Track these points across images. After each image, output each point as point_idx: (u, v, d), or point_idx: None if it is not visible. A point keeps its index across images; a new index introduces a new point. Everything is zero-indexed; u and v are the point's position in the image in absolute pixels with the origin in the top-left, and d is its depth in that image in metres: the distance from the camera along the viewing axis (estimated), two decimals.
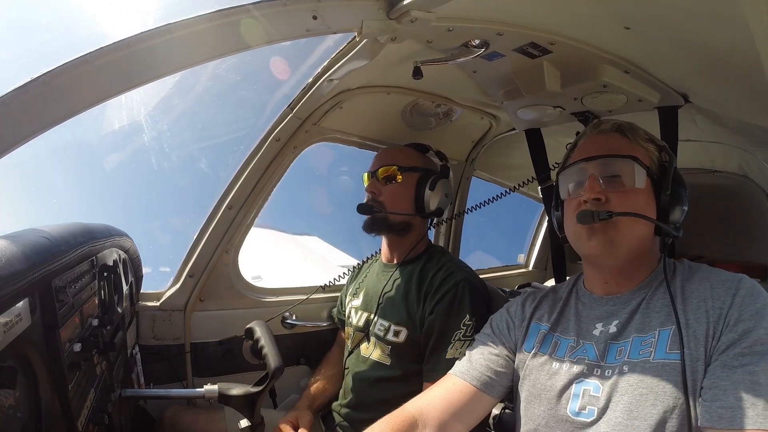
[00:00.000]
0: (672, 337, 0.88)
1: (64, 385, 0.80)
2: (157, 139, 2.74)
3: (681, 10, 1.00)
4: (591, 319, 1.02)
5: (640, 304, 0.97)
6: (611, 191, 0.98)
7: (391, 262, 1.71)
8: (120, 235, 1.35)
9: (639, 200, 0.97)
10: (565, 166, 1.10)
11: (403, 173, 1.63)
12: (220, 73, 2.34)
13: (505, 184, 2.70)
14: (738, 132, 1.66)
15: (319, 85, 1.49)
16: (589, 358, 0.96)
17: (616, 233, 0.95)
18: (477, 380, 1.09)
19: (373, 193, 1.65)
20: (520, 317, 1.15)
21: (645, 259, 1.01)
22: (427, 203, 1.63)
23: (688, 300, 0.91)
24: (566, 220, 1.07)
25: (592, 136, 1.08)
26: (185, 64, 0.83)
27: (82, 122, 0.91)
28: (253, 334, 1.31)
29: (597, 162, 1.01)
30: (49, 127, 0.70)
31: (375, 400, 1.52)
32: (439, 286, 1.48)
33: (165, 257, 1.94)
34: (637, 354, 0.90)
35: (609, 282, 1.03)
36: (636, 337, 0.92)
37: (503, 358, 1.11)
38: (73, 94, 0.72)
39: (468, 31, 1.20)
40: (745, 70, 1.13)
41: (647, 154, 1.02)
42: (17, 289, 0.62)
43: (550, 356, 1.02)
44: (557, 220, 1.14)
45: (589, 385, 0.94)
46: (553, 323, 1.08)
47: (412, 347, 1.49)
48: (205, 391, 1.26)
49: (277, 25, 0.92)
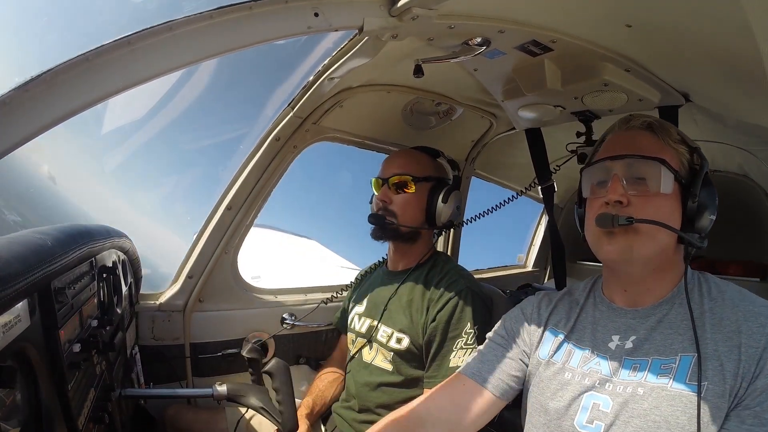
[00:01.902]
0: (693, 366, 0.83)
1: (63, 384, 0.79)
2: None
3: (682, 9, 0.99)
4: (608, 330, 0.98)
5: (661, 321, 0.92)
6: (635, 194, 0.92)
7: (396, 269, 1.69)
8: (119, 236, 1.35)
9: (663, 206, 0.91)
10: (590, 162, 1.03)
11: (416, 183, 1.59)
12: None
13: (504, 184, 2.71)
14: (739, 132, 1.66)
15: (320, 84, 1.49)
16: (602, 372, 0.93)
17: (636, 240, 0.90)
18: (488, 382, 1.06)
19: (384, 202, 1.61)
20: (536, 321, 1.10)
21: (668, 270, 0.95)
22: (438, 216, 1.61)
23: (718, 327, 0.85)
24: (586, 219, 1.02)
25: (620, 132, 1.02)
26: (186, 62, 0.83)
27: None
28: (272, 378, 1.23)
29: (622, 162, 0.94)
30: (50, 127, 0.69)
31: (376, 405, 1.52)
32: (442, 294, 1.48)
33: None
34: (656, 378, 0.86)
35: (628, 291, 0.98)
36: (656, 359, 0.88)
37: (517, 361, 1.08)
38: (73, 92, 0.71)
39: (469, 29, 1.20)
40: (747, 69, 1.13)
41: (677, 156, 0.95)
42: (16, 290, 0.62)
43: (564, 365, 0.99)
44: (579, 218, 1.09)
45: (599, 399, 0.91)
46: (569, 330, 1.03)
47: (414, 354, 1.49)
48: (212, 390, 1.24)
49: (278, 22, 0.92)
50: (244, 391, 1.22)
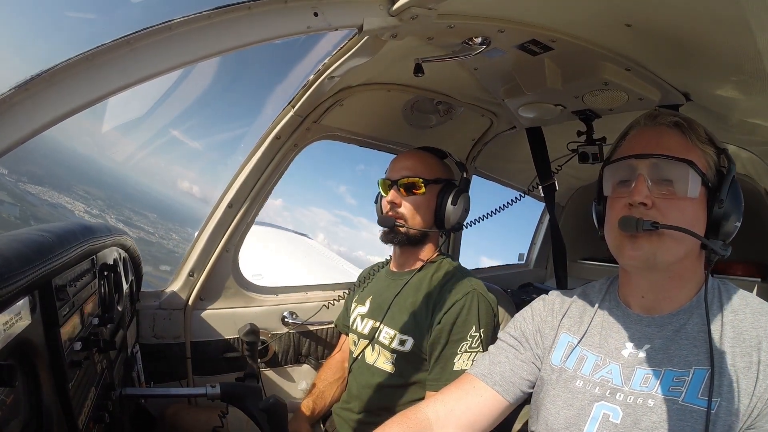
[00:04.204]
0: (707, 381, 0.80)
1: (64, 383, 0.80)
2: None
3: (682, 9, 0.99)
4: (621, 337, 0.95)
5: (678, 331, 0.88)
6: (660, 197, 0.88)
7: (401, 270, 1.68)
8: (120, 233, 1.35)
9: (688, 211, 0.87)
10: (612, 159, 0.97)
11: (426, 185, 1.58)
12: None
13: (506, 182, 2.70)
14: (740, 131, 1.65)
15: (320, 83, 1.49)
16: (614, 381, 0.90)
17: (660, 246, 0.86)
18: (499, 385, 1.03)
19: (394, 204, 1.60)
20: (550, 323, 1.07)
21: (688, 277, 0.92)
22: (447, 218, 1.60)
23: (737, 342, 0.82)
24: (607, 220, 0.97)
25: (646, 128, 0.95)
26: (185, 62, 0.83)
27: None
28: (269, 417, 1.19)
29: (648, 161, 0.89)
30: (50, 126, 0.70)
31: (377, 407, 1.52)
32: (448, 296, 1.47)
33: None
34: (667, 390, 0.83)
35: (646, 297, 0.94)
36: (669, 370, 0.85)
37: (529, 364, 1.05)
38: (73, 91, 0.72)
39: (469, 28, 1.20)
40: (747, 68, 1.13)
41: (704, 157, 0.90)
42: (17, 288, 0.62)
43: (575, 372, 0.96)
44: (597, 215, 1.04)
45: (609, 410, 0.88)
46: (582, 335, 1.00)
47: (417, 356, 1.48)
48: (206, 390, 1.24)
49: (278, 22, 0.92)
50: (238, 392, 1.21)
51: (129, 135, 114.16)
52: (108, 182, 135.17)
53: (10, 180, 30.98)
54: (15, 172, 42.76)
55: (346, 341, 1.79)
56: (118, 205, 45.69)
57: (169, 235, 14.61)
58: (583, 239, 2.99)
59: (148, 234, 27.38)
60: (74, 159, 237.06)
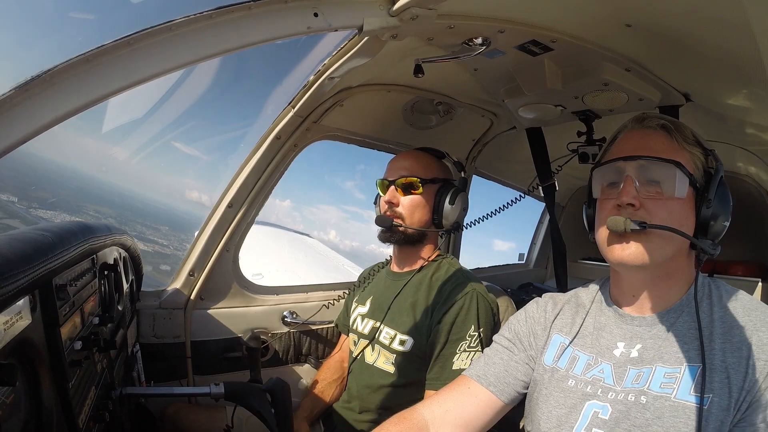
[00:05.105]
0: (698, 377, 0.81)
1: (64, 382, 0.80)
2: None
3: (682, 9, 0.99)
4: (613, 337, 0.96)
5: (668, 330, 0.89)
6: (648, 197, 0.90)
7: (401, 270, 1.69)
8: (121, 233, 1.35)
9: (676, 211, 0.89)
10: (601, 162, 0.99)
11: (423, 185, 1.59)
12: None
13: (505, 182, 2.70)
14: (740, 131, 1.66)
15: (320, 83, 1.49)
16: (606, 380, 0.91)
17: (648, 245, 0.87)
18: (493, 386, 1.05)
19: (391, 203, 1.61)
20: (542, 324, 1.09)
21: (678, 276, 0.93)
22: (445, 217, 1.61)
23: (727, 337, 0.83)
24: (597, 221, 0.99)
25: (633, 131, 0.97)
26: (186, 62, 0.83)
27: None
28: (272, 398, 1.22)
29: (635, 163, 0.91)
30: (50, 126, 0.70)
31: (377, 407, 1.53)
32: (448, 296, 1.47)
33: None
34: (659, 387, 0.84)
35: (637, 296, 0.96)
36: (660, 367, 0.87)
37: (523, 365, 1.06)
38: (73, 92, 0.72)
39: (469, 29, 1.20)
40: (747, 69, 1.13)
41: (692, 158, 0.92)
42: (18, 287, 0.62)
43: (567, 372, 0.98)
44: (588, 218, 1.06)
45: (599, 407, 0.89)
46: (574, 335, 1.02)
47: (417, 356, 1.49)
48: (210, 389, 1.24)
49: (278, 22, 0.92)
50: (242, 391, 1.22)
51: (130, 149, 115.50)
52: (116, 200, 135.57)
53: (21, 207, 31.16)
54: (25, 198, 43.19)
55: (346, 341, 1.80)
56: (130, 222, 46.04)
57: (183, 246, 14.88)
58: (583, 239, 2.97)
59: (162, 247, 27.56)
60: (78, 180, 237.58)
